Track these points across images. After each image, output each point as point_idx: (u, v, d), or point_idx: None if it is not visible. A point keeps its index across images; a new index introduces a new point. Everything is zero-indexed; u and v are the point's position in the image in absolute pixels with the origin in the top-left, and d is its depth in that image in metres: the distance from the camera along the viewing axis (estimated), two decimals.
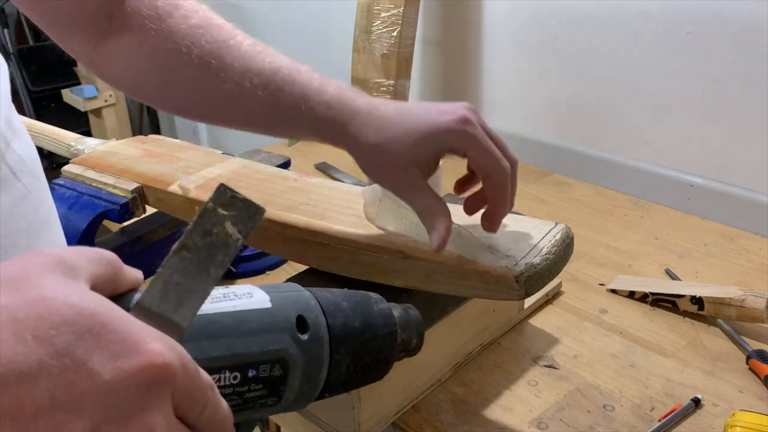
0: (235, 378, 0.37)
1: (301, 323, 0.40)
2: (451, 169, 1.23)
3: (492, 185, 0.56)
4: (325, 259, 0.64)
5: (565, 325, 0.78)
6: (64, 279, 0.28)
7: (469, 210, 0.60)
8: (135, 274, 0.34)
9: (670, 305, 0.79)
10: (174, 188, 0.73)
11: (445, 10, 1.33)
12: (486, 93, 1.31)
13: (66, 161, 0.87)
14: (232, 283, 0.88)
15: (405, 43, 1.21)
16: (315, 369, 0.41)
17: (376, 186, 0.58)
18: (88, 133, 2.10)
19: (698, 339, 0.75)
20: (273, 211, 0.66)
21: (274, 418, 0.98)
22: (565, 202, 1.10)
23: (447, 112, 0.56)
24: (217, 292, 0.38)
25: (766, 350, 0.70)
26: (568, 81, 1.16)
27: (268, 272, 0.91)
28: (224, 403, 0.32)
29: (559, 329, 0.77)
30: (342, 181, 1.13)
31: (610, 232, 0.99)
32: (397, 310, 0.48)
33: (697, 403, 0.64)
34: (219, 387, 0.35)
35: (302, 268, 0.67)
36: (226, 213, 0.32)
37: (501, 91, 1.29)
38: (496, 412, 0.66)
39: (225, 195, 0.32)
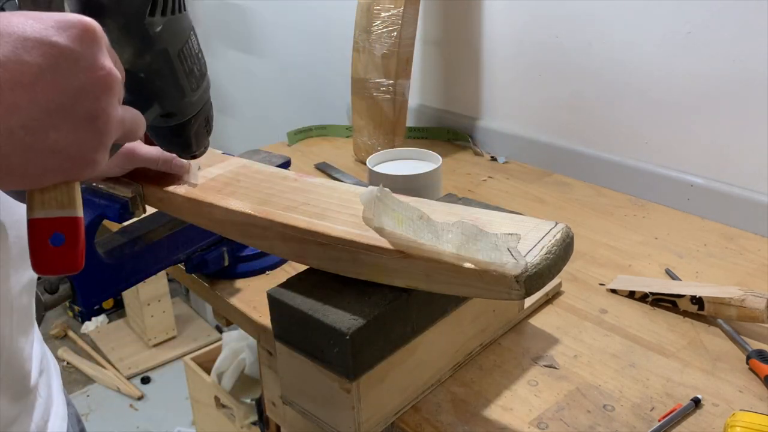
0: None
1: None
2: (451, 169, 1.23)
3: None
4: (325, 259, 0.64)
5: (565, 325, 0.78)
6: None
7: None
8: None
9: (670, 305, 0.79)
10: (174, 188, 0.73)
11: (445, 10, 1.33)
12: (486, 93, 1.31)
13: None
14: (231, 283, 0.88)
15: (405, 43, 1.21)
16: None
17: (372, 188, 0.58)
18: None
19: (698, 339, 0.75)
20: (273, 211, 0.66)
21: (274, 418, 0.98)
22: (565, 202, 1.10)
23: None
24: None
25: (766, 350, 0.70)
26: (568, 81, 1.16)
27: (268, 272, 0.91)
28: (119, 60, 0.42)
29: (559, 329, 0.77)
30: (342, 181, 1.13)
31: (610, 232, 0.99)
32: None
33: (697, 403, 0.64)
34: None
35: (302, 268, 0.67)
36: None
37: (501, 91, 1.29)
38: (496, 412, 0.66)
39: None
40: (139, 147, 0.72)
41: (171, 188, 0.73)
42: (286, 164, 0.90)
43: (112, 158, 0.60)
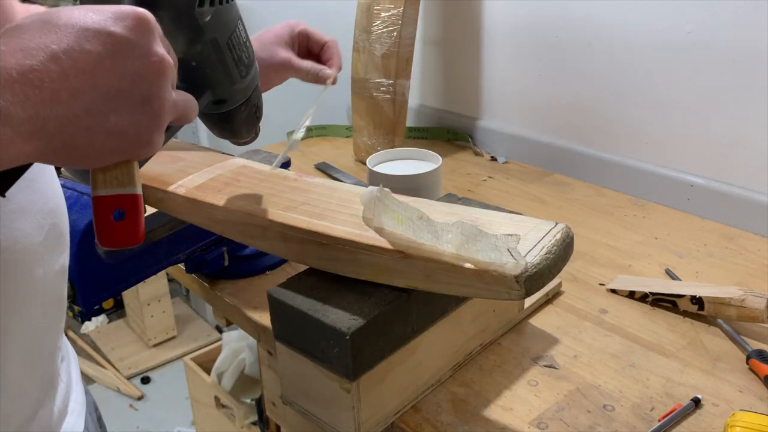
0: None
1: None
2: (451, 169, 1.23)
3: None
4: (325, 259, 0.64)
5: (565, 325, 0.78)
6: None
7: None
8: None
9: (670, 305, 0.79)
10: (174, 188, 0.73)
11: (445, 10, 1.33)
12: (486, 93, 1.31)
13: None
14: (231, 283, 0.88)
15: (405, 43, 1.21)
16: None
17: (372, 188, 0.58)
18: None
19: (698, 339, 0.75)
20: (273, 211, 0.66)
21: (274, 418, 0.98)
22: (565, 202, 1.10)
23: None
24: None
25: (766, 350, 0.70)
26: (568, 81, 1.16)
27: (267, 272, 0.91)
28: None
29: (559, 329, 0.77)
30: (342, 181, 1.13)
31: (610, 232, 0.99)
32: None
33: (697, 403, 0.64)
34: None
35: (302, 268, 0.67)
36: None
37: (501, 91, 1.29)
38: (496, 412, 0.66)
39: None
40: (293, 58, 0.84)
41: (171, 188, 0.73)
42: (286, 164, 0.90)
43: (270, 70, 0.72)
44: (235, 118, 0.61)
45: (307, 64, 0.85)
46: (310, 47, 0.89)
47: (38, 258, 0.50)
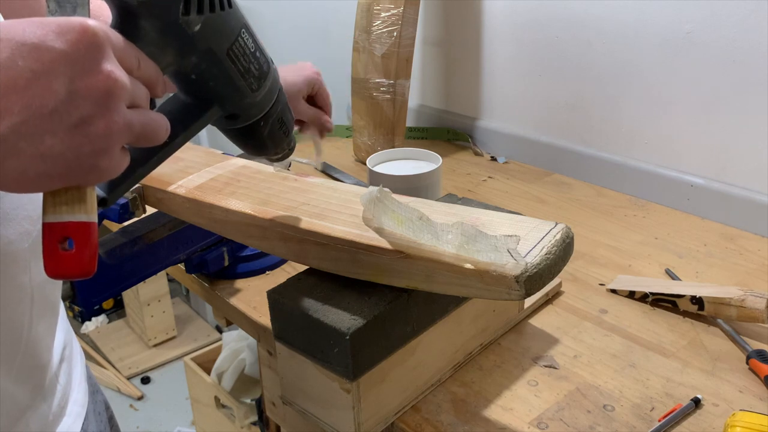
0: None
1: None
2: (451, 169, 1.23)
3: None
4: (325, 259, 0.64)
5: (565, 325, 0.78)
6: None
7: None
8: None
9: (670, 305, 0.79)
10: (174, 188, 0.73)
11: (445, 10, 1.33)
12: (486, 93, 1.31)
13: None
14: (231, 283, 0.88)
15: (405, 43, 1.21)
16: None
17: (372, 188, 0.58)
18: None
19: (698, 339, 0.75)
20: (273, 211, 0.66)
21: (274, 418, 0.98)
22: (565, 202, 1.10)
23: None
24: None
25: (766, 350, 0.70)
26: (568, 81, 1.16)
27: (267, 272, 0.91)
28: (151, 60, 0.44)
29: (559, 329, 0.77)
30: (342, 181, 1.13)
31: (610, 232, 0.99)
32: None
33: (697, 403, 0.64)
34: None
35: (302, 268, 0.67)
36: None
37: (501, 91, 1.29)
38: (496, 412, 0.66)
39: None
40: (302, 107, 0.89)
41: (171, 188, 0.73)
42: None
43: None
44: (255, 134, 0.57)
45: (311, 112, 0.89)
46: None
47: (23, 264, 0.49)
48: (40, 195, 0.51)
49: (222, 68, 0.50)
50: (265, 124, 0.57)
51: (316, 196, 0.69)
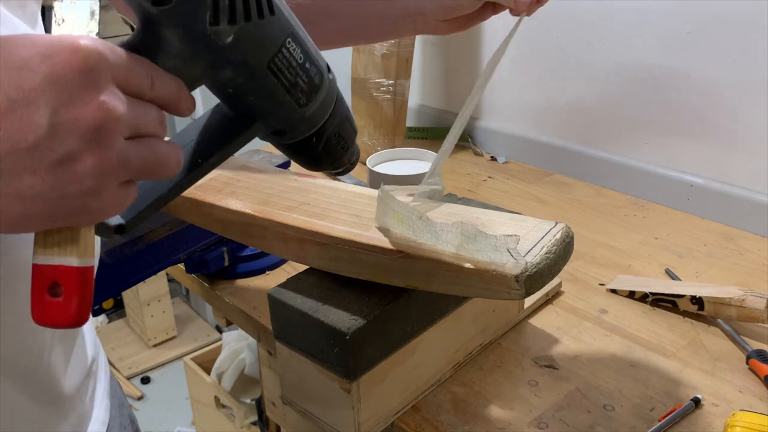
0: None
1: None
2: (451, 169, 1.23)
3: None
4: (325, 259, 0.64)
5: (565, 325, 0.78)
6: None
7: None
8: None
9: (670, 305, 0.79)
10: None
11: None
12: (486, 93, 1.31)
13: None
14: (231, 283, 0.88)
15: (405, 43, 1.21)
16: None
17: (384, 187, 0.57)
18: None
19: (698, 339, 0.75)
20: (273, 211, 0.66)
21: (274, 418, 0.98)
22: (565, 202, 1.10)
23: None
24: None
25: (766, 350, 0.70)
26: (568, 81, 1.16)
27: (268, 272, 0.91)
28: (171, 75, 0.38)
29: (559, 329, 0.77)
30: (342, 181, 1.13)
31: (610, 232, 0.99)
32: None
33: (697, 403, 0.64)
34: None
35: (302, 268, 0.67)
36: None
37: (501, 91, 1.29)
38: (496, 412, 0.66)
39: None
40: None
41: None
42: (286, 164, 0.90)
43: None
44: (307, 150, 0.51)
45: None
46: None
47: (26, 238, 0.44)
48: None
49: (263, 83, 0.44)
50: (319, 139, 0.51)
51: (316, 195, 0.69)
